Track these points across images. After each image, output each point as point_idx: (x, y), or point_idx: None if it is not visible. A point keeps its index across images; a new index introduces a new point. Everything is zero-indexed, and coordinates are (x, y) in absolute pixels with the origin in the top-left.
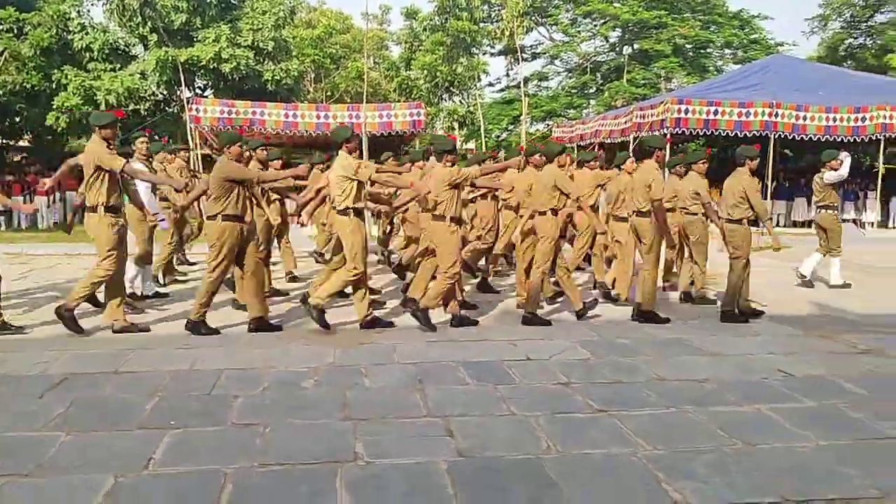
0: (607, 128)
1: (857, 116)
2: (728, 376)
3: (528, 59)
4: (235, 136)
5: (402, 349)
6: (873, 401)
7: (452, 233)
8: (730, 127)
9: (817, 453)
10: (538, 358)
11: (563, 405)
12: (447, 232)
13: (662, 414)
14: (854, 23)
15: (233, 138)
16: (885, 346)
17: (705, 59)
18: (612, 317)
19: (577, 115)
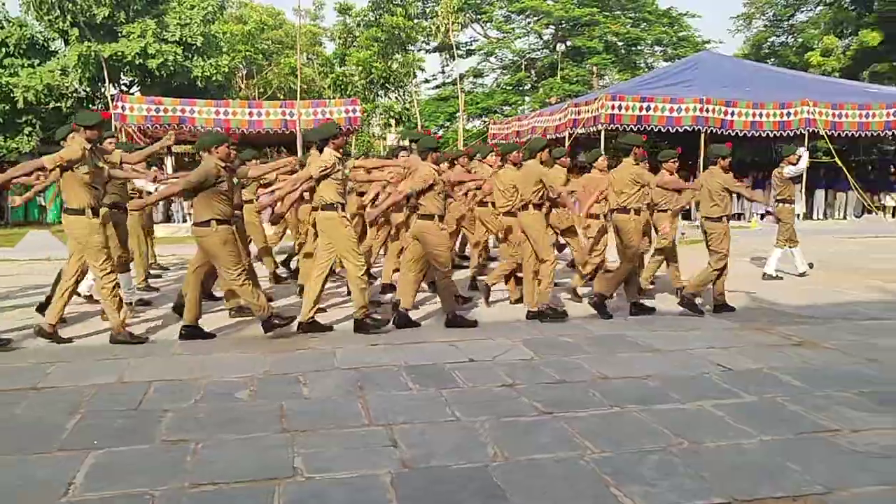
0: (543, 124)
1: (782, 112)
2: (670, 372)
3: (464, 56)
4: (222, 136)
5: (341, 354)
6: (809, 393)
7: (441, 231)
8: (662, 122)
9: (761, 449)
10: (481, 359)
11: (508, 408)
12: (437, 231)
13: (608, 414)
14: (776, 21)
15: (220, 139)
16: (818, 337)
17: (636, 57)
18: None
19: (513, 112)
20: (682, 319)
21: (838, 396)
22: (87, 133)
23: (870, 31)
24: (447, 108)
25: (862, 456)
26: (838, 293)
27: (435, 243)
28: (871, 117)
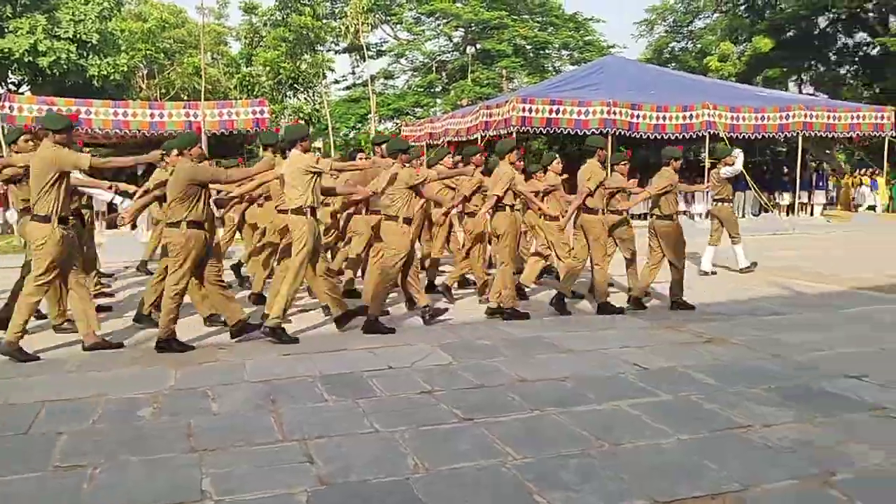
0: (456, 126)
1: (685, 114)
2: (586, 373)
3: (374, 57)
4: (193, 136)
5: (252, 366)
6: (722, 390)
7: (404, 234)
8: (570, 125)
9: (679, 448)
10: (400, 366)
11: (428, 416)
12: (399, 233)
13: (528, 418)
14: (676, 27)
15: (191, 140)
16: (725, 333)
17: (544, 60)
18: (467, 317)
19: (425, 114)
20: (597, 319)
21: (748, 392)
22: (56, 137)
23: (762, 38)
24: (358, 110)
25: (773, 451)
26: (742, 290)
27: (394, 243)
28: (765, 120)
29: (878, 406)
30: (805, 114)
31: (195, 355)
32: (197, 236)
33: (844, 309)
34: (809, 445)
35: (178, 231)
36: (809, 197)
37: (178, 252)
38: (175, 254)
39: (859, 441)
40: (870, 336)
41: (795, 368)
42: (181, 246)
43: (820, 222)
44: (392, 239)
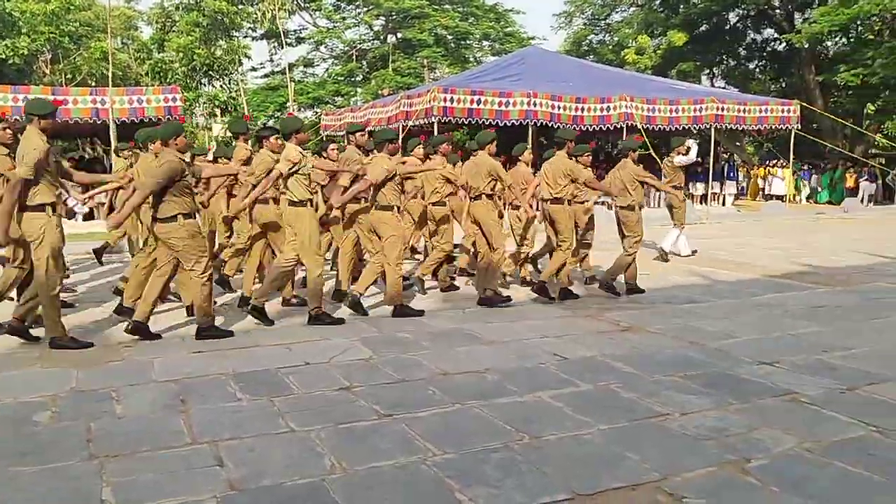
0: (377, 116)
1: (603, 106)
2: (508, 364)
3: (293, 45)
4: (178, 125)
5: (161, 364)
6: (641, 378)
7: (399, 222)
8: (492, 116)
9: (600, 439)
10: (317, 362)
11: (346, 413)
12: (395, 221)
13: (449, 412)
14: (594, 20)
15: (177, 129)
16: (644, 322)
17: (466, 51)
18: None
19: (345, 103)
20: (518, 310)
21: (667, 381)
22: (42, 123)
23: (676, 32)
24: (277, 98)
25: (691, 439)
26: (659, 278)
27: (391, 233)
28: (680, 112)
29: (790, 392)
30: (717, 106)
31: (100, 354)
32: (196, 226)
33: (756, 296)
34: (726, 432)
35: (177, 224)
36: (721, 187)
37: (186, 246)
38: (184, 248)
39: (773, 427)
40: (781, 323)
41: (711, 356)
42: (189, 238)
43: (731, 212)
44: (388, 228)
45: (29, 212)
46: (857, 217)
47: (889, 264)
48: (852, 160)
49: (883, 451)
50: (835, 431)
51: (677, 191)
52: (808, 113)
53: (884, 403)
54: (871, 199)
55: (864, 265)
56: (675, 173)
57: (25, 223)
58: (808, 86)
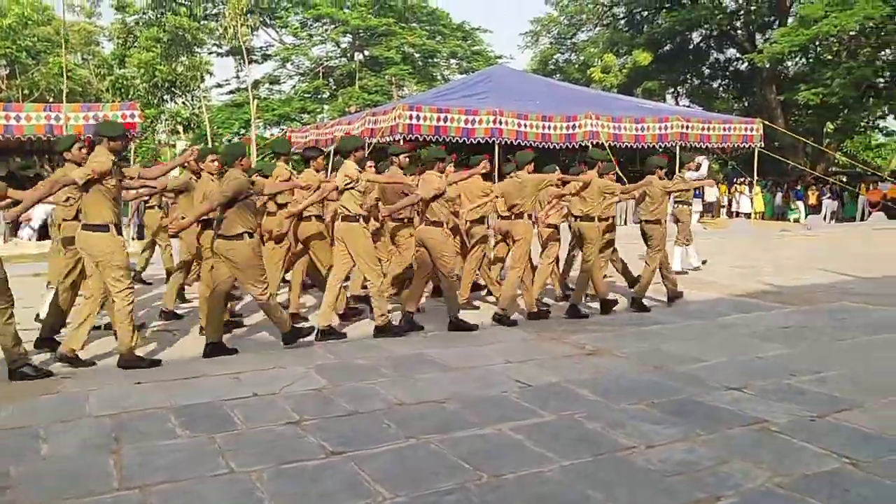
0: (342, 133)
1: (569, 125)
2: (468, 393)
3: (259, 62)
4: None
5: (97, 397)
6: (605, 407)
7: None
8: (458, 133)
9: (562, 476)
10: (266, 393)
11: (292, 451)
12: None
13: (403, 448)
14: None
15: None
16: (609, 345)
17: (433, 68)
18: (352, 335)
19: (311, 120)
20: (482, 333)
21: (632, 409)
22: (111, 144)
23: (641, 52)
24: (242, 115)
25: (658, 475)
26: (624, 297)
27: (440, 249)
28: (645, 130)
29: (759, 420)
30: (682, 125)
31: (35, 387)
32: (256, 245)
33: (723, 317)
34: (694, 466)
35: (242, 243)
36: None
37: (249, 263)
38: (247, 266)
39: (742, 459)
40: (748, 345)
41: (678, 381)
42: (251, 256)
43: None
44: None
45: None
46: (820, 234)
47: (853, 282)
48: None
49: (857, 485)
50: (806, 464)
51: (686, 206)
52: (770, 131)
53: (855, 431)
54: (832, 216)
55: (830, 283)
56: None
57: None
58: (770, 104)
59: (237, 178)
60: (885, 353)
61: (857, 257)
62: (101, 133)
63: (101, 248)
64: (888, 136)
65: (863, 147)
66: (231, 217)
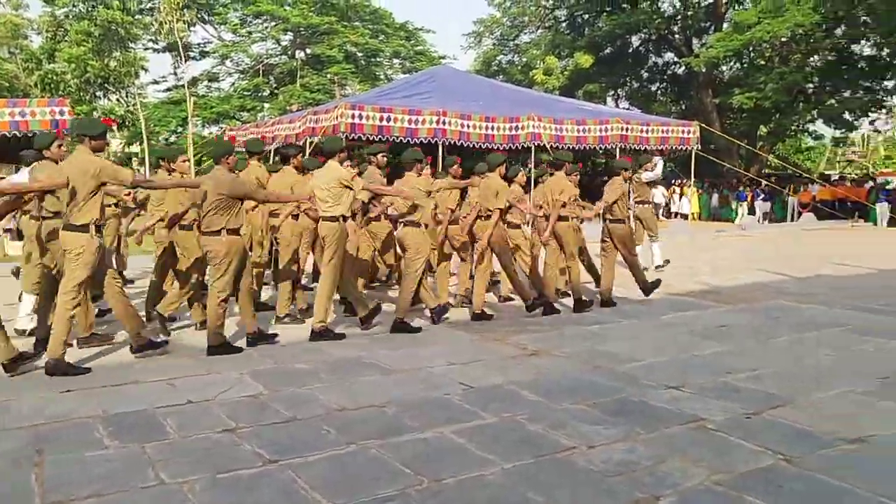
0: (283, 132)
1: (512, 125)
2: (410, 396)
3: (197, 58)
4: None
5: (17, 407)
6: (547, 408)
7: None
8: (402, 133)
9: (504, 479)
10: (201, 399)
11: (227, 460)
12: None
13: (343, 455)
14: (503, 41)
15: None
16: (551, 345)
17: (376, 68)
18: (291, 338)
19: (251, 118)
20: (425, 335)
21: (574, 410)
22: (93, 143)
23: (583, 54)
24: (179, 113)
25: (599, 475)
26: (566, 298)
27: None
28: (587, 132)
29: (697, 418)
30: (622, 127)
31: None
32: (237, 243)
33: (662, 316)
34: (634, 466)
35: (218, 239)
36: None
37: (221, 260)
38: (217, 262)
39: (681, 458)
40: (686, 343)
41: (618, 380)
42: (223, 254)
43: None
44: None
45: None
46: (754, 235)
47: (787, 281)
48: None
49: (791, 481)
50: (743, 461)
51: (647, 205)
52: (706, 134)
53: (788, 428)
54: (765, 216)
55: (764, 282)
56: (642, 189)
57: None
58: (706, 108)
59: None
60: (816, 350)
61: (789, 257)
62: (82, 132)
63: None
64: (817, 139)
65: (793, 150)
66: (213, 215)
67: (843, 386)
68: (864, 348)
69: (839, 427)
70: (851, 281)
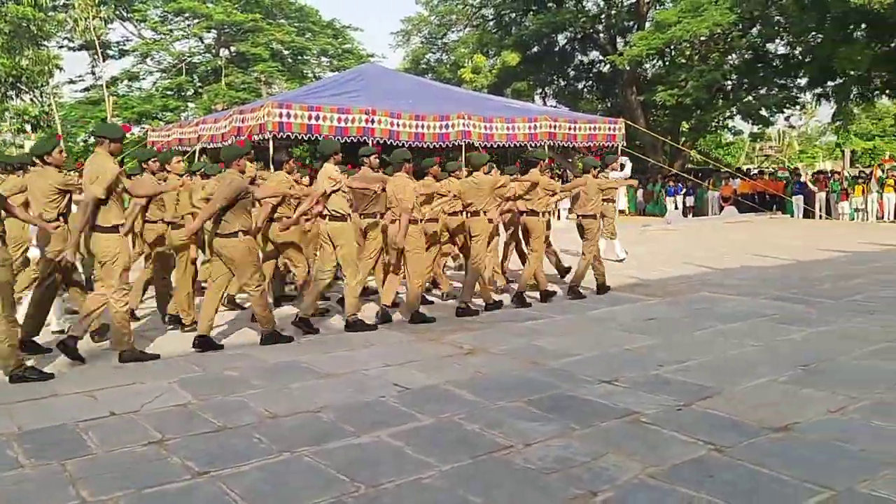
0: (209, 132)
1: (442, 124)
2: (345, 400)
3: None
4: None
5: None
6: (484, 407)
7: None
8: (331, 132)
9: (442, 482)
10: (125, 411)
11: (153, 474)
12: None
13: (275, 464)
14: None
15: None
16: (487, 342)
17: (303, 66)
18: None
19: (174, 118)
20: (357, 336)
21: (511, 408)
22: (112, 146)
23: (510, 53)
24: (98, 113)
25: (536, 472)
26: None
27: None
28: (516, 130)
29: (630, 412)
30: (550, 124)
31: None
32: (252, 243)
33: (592, 311)
34: (570, 462)
35: (238, 240)
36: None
37: (245, 260)
38: (243, 263)
39: (617, 452)
40: (617, 337)
41: (553, 376)
42: (247, 254)
43: (565, 226)
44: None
45: (102, 232)
46: (679, 228)
47: (711, 273)
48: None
49: (721, 470)
50: (676, 453)
51: (610, 203)
52: (631, 130)
53: (717, 418)
54: (689, 211)
55: (690, 275)
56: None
57: (100, 243)
58: (631, 105)
59: (234, 179)
60: (740, 340)
61: (712, 250)
62: (102, 135)
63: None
64: (736, 134)
65: (714, 145)
66: (228, 216)
67: (768, 375)
68: (785, 337)
69: (765, 416)
70: (772, 272)
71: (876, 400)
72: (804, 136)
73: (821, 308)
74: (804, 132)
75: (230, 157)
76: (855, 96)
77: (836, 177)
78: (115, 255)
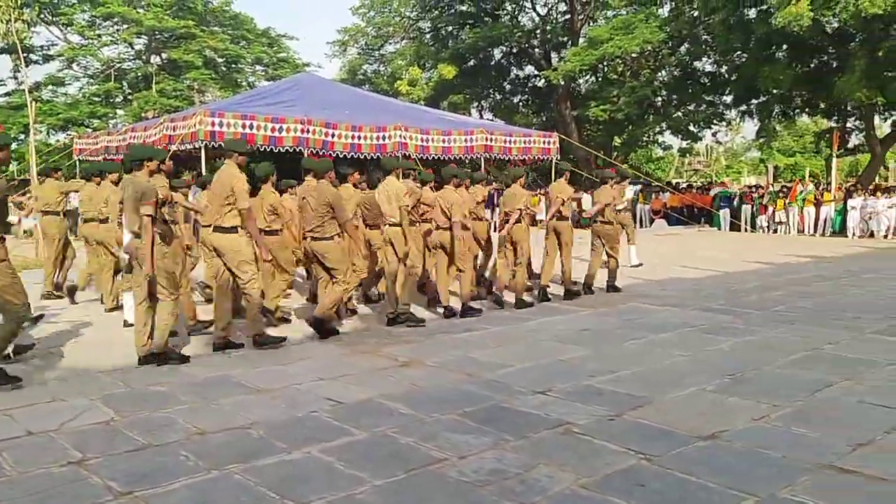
0: (138, 139)
1: (379, 135)
2: (276, 416)
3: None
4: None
5: None
6: (418, 420)
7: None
8: (265, 142)
9: (374, 498)
10: (43, 430)
11: (72, 497)
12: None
13: (203, 483)
14: (368, 50)
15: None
16: (423, 354)
17: (238, 74)
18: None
19: (102, 126)
20: (289, 350)
21: (445, 420)
22: (239, 159)
23: (446, 66)
24: (21, 119)
25: (470, 486)
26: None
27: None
28: (452, 142)
29: (563, 422)
30: (486, 137)
31: None
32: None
33: (526, 322)
34: (504, 474)
35: (334, 242)
36: (491, 214)
37: (342, 260)
38: (340, 262)
39: (548, 463)
40: (550, 348)
41: (488, 388)
42: (344, 254)
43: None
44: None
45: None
46: None
47: (641, 284)
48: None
49: (650, 479)
50: (607, 463)
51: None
52: (566, 144)
53: (648, 428)
54: None
55: (620, 286)
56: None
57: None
58: (565, 119)
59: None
60: (669, 350)
61: (643, 261)
62: (231, 149)
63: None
64: (666, 149)
65: (645, 160)
66: (326, 222)
67: (696, 384)
68: (713, 348)
69: (694, 425)
70: (699, 283)
71: (796, 408)
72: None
73: (746, 319)
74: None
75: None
76: (777, 114)
77: (759, 191)
78: (239, 250)
